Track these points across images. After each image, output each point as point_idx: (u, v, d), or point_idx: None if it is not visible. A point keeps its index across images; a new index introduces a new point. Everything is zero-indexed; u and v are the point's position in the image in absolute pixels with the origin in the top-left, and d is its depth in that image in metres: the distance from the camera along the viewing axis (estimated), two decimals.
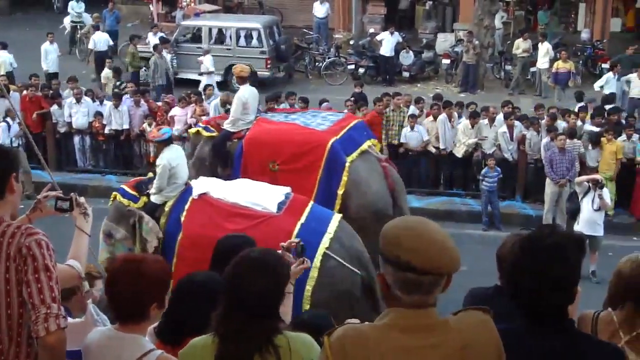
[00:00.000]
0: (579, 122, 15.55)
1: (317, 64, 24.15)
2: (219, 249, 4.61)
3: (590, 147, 14.58)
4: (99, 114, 16.55)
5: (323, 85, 22.50)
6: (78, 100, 16.56)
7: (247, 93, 11.45)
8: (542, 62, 21.58)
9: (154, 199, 9.08)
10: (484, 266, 5.60)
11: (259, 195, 8.49)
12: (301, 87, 21.22)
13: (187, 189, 9.01)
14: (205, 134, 11.18)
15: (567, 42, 24.10)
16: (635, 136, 14.95)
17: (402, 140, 15.62)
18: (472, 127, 15.42)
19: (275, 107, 14.56)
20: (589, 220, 12.27)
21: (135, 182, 9.59)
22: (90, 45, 22.54)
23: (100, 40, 22.39)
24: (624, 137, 14.88)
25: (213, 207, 8.49)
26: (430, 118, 15.87)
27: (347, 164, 9.84)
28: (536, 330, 2.94)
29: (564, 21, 27.78)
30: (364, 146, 10.24)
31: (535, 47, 22.01)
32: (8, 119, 15.43)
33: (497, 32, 23.94)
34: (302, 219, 8.22)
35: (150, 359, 3.35)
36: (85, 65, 22.93)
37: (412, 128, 15.49)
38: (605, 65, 21.45)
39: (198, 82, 20.46)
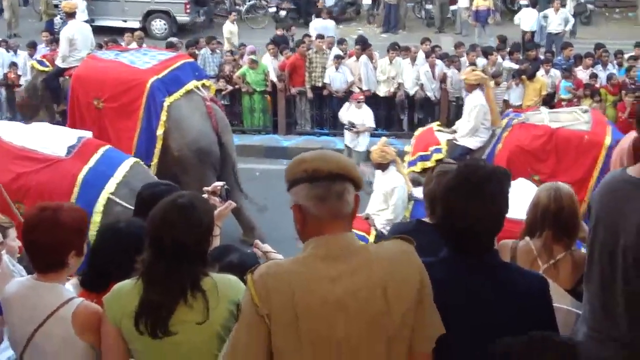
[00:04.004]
0: (499, 59, 15.74)
1: (237, 7, 23.83)
2: (143, 197, 4.57)
3: (514, 85, 14.75)
4: (13, 65, 16.08)
5: (245, 30, 22.24)
6: None
7: (74, 29, 11.50)
8: (462, 1, 21.70)
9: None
10: None
11: (49, 139, 8.23)
12: (222, 31, 20.94)
13: None
14: (38, 67, 11.39)
15: None
16: (552, 71, 15.20)
17: (325, 82, 15.60)
18: (391, 62, 15.50)
19: (196, 52, 14.40)
20: None
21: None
22: None
23: None
24: (542, 72, 15.13)
25: (1, 149, 8.14)
26: (354, 59, 15.85)
27: (166, 104, 9.69)
28: (461, 261, 2.99)
29: None
30: (189, 86, 10.03)
31: None
32: None
33: None
34: (91, 163, 7.96)
35: (70, 307, 3.31)
36: None
37: (336, 69, 15.48)
38: (524, 2, 21.70)
39: (120, 29, 19.95)
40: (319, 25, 19.26)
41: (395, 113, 15.75)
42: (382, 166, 8.32)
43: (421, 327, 2.78)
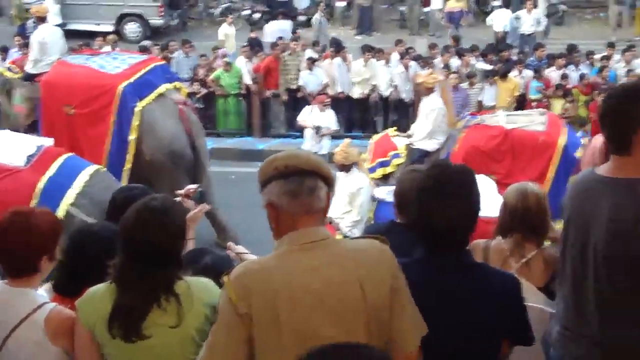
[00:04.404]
0: (472, 60, 15.83)
1: (211, 10, 23.79)
2: (117, 200, 4.56)
3: (487, 85, 14.85)
4: None
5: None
6: None
7: (45, 33, 11.35)
8: (435, 2, 21.80)
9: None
10: None
11: (7, 149, 7.92)
12: (196, 34, 20.95)
13: None
14: (6, 74, 11.10)
15: None
16: (525, 72, 15.32)
17: (300, 84, 15.61)
18: (365, 64, 15.55)
19: (170, 55, 14.33)
20: None
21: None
22: None
23: None
24: (516, 72, 15.24)
25: None
26: (328, 60, 15.88)
27: (138, 109, 9.52)
28: (436, 261, 3.01)
29: None
30: (161, 89, 9.87)
31: None
32: None
33: None
34: (51, 172, 7.65)
35: (43, 312, 3.29)
36: None
37: (310, 70, 15.49)
38: (496, 3, 21.83)
39: (93, 33, 19.81)
40: (275, 28, 19.25)
41: (370, 115, 15.80)
42: (345, 167, 8.32)
43: (404, 326, 2.79)
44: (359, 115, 15.85)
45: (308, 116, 13.30)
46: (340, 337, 2.65)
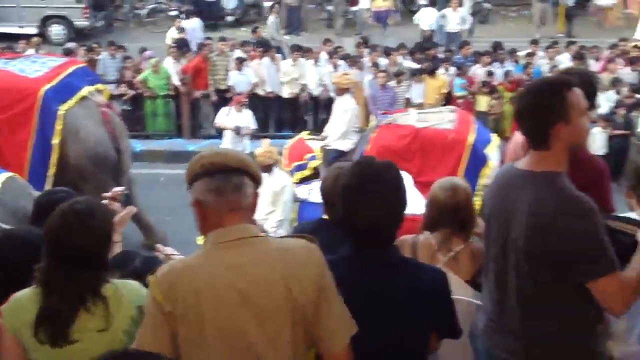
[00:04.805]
0: (399, 59, 15.98)
1: (137, 11, 23.52)
2: (42, 204, 4.47)
3: (414, 83, 15.00)
4: None
5: (145, 33, 22.03)
6: None
7: None
8: (362, 1, 21.94)
9: None
10: None
11: None
12: (122, 35, 20.68)
13: None
14: None
15: None
16: (452, 69, 15.53)
17: (229, 84, 15.53)
18: (294, 63, 15.57)
19: (95, 57, 14.06)
20: None
21: None
22: None
23: None
24: (443, 70, 15.44)
25: None
26: (257, 61, 15.85)
27: (61, 113, 9.34)
28: (363, 257, 3.03)
29: None
30: (83, 92, 9.71)
31: None
32: None
33: None
34: None
35: None
36: None
37: (239, 70, 15.44)
38: (423, 2, 22.09)
39: (17, 35, 19.33)
40: (187, 27, 19.12)
41: (300, 114, 15.83)
42: (267, 168, 8.30)
43: (332, 325, 2.80)
44: (289, 114, 15.86)
45: (226, 118, 13.24)
46: (266, 335, 2.67)
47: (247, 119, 13.32)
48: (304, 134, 11.13)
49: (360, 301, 2.92)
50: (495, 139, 10.16)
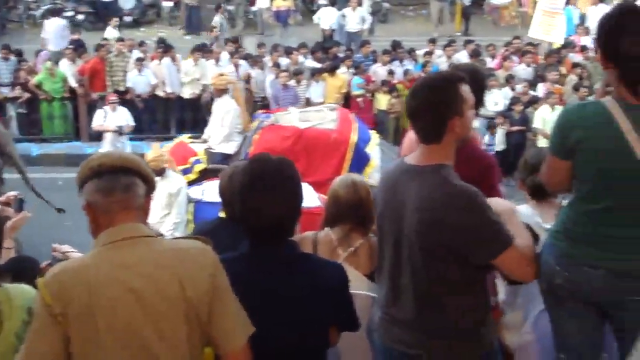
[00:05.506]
0: (300, 58, 16.04)
1: (32, 12, 22.91)
2: None
3: (314, 82, 15.07)
4: None
5: (40, 35, 21.47)
6: None
7: None
8: (262, 1, 21.94)
9: None
10: None
11: None
12: (17, 38, 20.09)
13: None
14: None
15: None
16: (352, 68, 15.68)
17: (128, 86, 15.29)
18: (195, 63, 15.45)
19: None
20: None
21: None
22: None
23: None
24: (344, 69, 15.56)
25: None
26: (156, 61, 15.67)
27: None
28: (260, 254, 3.01)
29: None
30: None
31: None
32: None
33: None
34: None
35: None
36: None
37: (139, 71, 15.21)
38: (323, 1, 22.22)
39: None
40: (54, 25, 18.48)
41: (201, 114, 15.68)
42: (160, 171, 8.17)
43: (227, 325, 2.78)
44: (190, 115, 15.73)
45: (104, 120, 13.05)
46: (160, 334, 2.64)
47: (124, 117, 13.17)
48: (185, 137, 10.94)
49: (258, 300, 2.90)
50: (374, 137, 10.26)
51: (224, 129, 10.22)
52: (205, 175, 9.36)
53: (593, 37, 3.29)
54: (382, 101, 14.99)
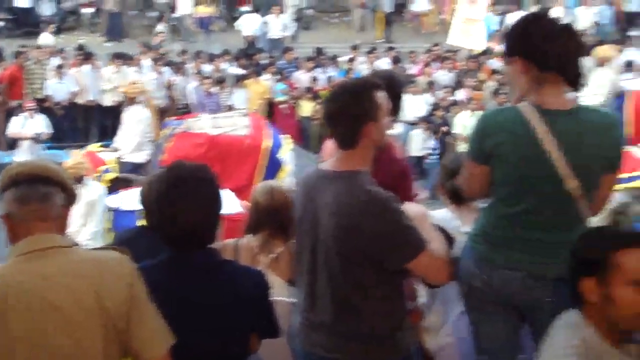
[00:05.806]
0: (223, 65, 15.99)
1: None
2: None
3: (236, 89, 15.03)
4: None
5: None
6: None
7: None
8: (184, 7, 21.80)
9: None
10: None
11: None
12: None
13: None
14: None
15: None
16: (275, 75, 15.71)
17: (47, 94, 15.00)
18: (117, 70, 15.29)
19: None
20: None
21: None
22: None
23: None
24: (268, 76, 15.57)
25: None
26: (76, 69, 15.42)
27: None
28: (176, 261, 3.00)
29: None
30: None
31: None
32: None
33: None
34: None
35: None
36: None
37: (59, 79, 14.94)
38: (245, 8, 22.20)
39: None
40: None
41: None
42: (79, 179, 8.04)
43: (145, 335, 2.75)
44: (112, 122, 15.46)
45: (22, 128, 12.82)
46: (75, 345, 2.61)
47: (42, 123, 12.96)
48: (94, 146, 10.78)
49: (176, 308, 2.88)
50: (287, 142, 10.27)
51: (135, 138, 10.11)
52: (116, 184, 9.18)
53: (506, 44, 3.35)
54: (306, 108, 15.05)
